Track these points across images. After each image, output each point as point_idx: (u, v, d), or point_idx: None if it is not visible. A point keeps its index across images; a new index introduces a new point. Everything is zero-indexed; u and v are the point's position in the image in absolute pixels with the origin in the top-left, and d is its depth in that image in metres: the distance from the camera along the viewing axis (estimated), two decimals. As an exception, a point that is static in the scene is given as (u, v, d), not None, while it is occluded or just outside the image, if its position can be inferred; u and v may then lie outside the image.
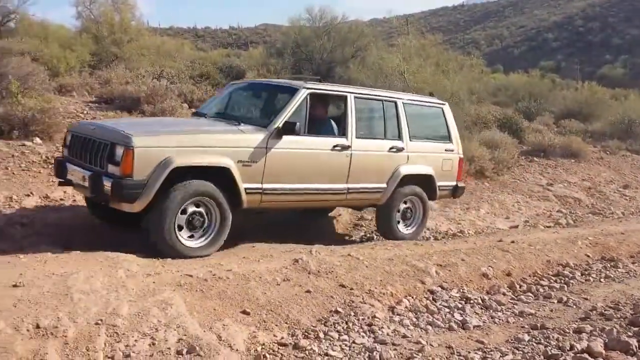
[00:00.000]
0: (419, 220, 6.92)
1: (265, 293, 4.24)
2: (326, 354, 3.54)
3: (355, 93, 6.25)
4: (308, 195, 5.78)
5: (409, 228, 6.86)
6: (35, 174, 6.74)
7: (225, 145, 5.14)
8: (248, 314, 3.90)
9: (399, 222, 6.72)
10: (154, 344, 3.11)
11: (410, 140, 6.59)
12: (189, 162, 4.85)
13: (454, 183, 7.13)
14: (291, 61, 16.61)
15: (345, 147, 5.95)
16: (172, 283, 4.02)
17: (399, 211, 6.66)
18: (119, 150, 4.64)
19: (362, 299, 4.48)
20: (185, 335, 3.25)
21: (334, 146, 5.88)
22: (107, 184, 4.60)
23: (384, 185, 6.38)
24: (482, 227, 8.55)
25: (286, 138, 5.43)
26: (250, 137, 5.30)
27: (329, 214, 7.74)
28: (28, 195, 6.20)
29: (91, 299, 3.46)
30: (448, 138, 7.08)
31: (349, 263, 5.06)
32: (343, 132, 6.04)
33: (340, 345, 3.71)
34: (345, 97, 6.12)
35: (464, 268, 5.57)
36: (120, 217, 5.16)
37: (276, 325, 3.90)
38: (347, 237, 7.30)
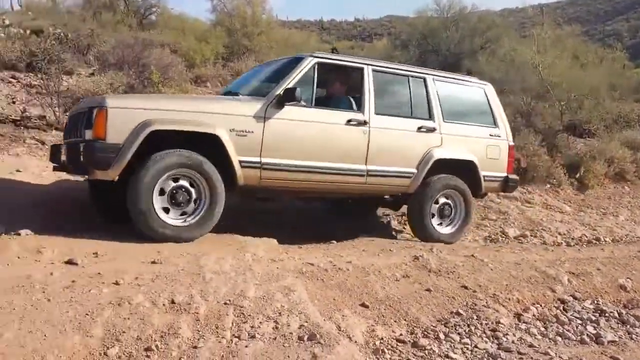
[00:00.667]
0: (460, 219, 6.05)
1: (384, 288, 4.20)
2: (447, 356, 3.43)
3: (374, 66, 5.66)
4: (318, 174, 5.12)
5: (447, 227, 6.01)
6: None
7: (215, 111, 4.68)
8: (367, 307, 3.89)
9: (433, 216, 5.89)
10: (277, 327, 3.19)
11: (444, 121, 5.87)
12: (170, 126, 4.41)
13: (503, 174, 6.21)
14: (416, 53, 16.35)
15: (361, 123, 5.34)
16: (294, 270, 4.11)
17: (436, 203, 5.88)
18: (94, 113, 4.32)
19: (486, 302, 4.29)
20: (306, 322, 3.30)
21: (349, 120, 5.29)
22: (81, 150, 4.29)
23: (413, 169, 5.64)
24: (621, 235, 7.87)
25: (289, 108, 4.92)
26: (247, 105, 4.86)
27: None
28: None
29: (221, 279, 3.63)
30: (493, 122, 6.25)
31: (472, 264, 4.87)
32: (359, 107, 5.43)
33: (461, 349, 3.58)
34: (362, 69, 5.54)
35: (600, 278, 5.14)
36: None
37: (395, 321, 3.85)
38: (467, 239, 7.03)
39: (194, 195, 4.54)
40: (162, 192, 4.41)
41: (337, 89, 5.77)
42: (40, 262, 3.61)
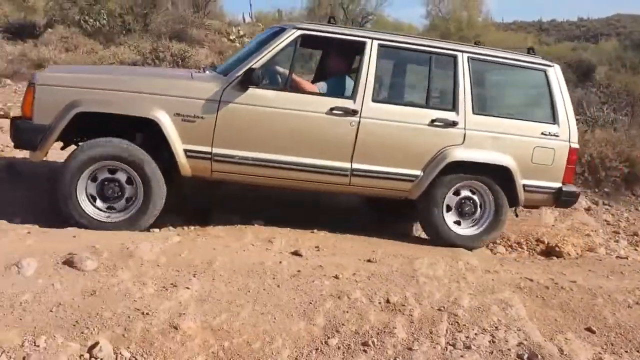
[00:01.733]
0: (488, 217, 4.82)
1: (615, 314, 3.76)
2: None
3: (382, 40, 4.57)
4: (285, 170, 4.38)
5: (469, 228, 4.83)
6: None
7: (156, 92, 4.10)
8: (593, 332, 3.52)
9: (449, 209, 4.78)
10: (493, 341, 3.06)
11: (474, 113, 4.68)
12: (96, 108, 3.96)
13: (555, 185, 4.83)
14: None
15: (349, 112, 4.41)
16: (511, 284, 3.91)
17: (456, 194, 4.77)
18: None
19: None
20: (525, 340, 3.11)
21: (331, 109, 4.38)
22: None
23: (417, 172, 4.58)
24: None
25: (254, 91, 4.23)
26: (199, 86, 4.23)
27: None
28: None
29: (434, 285, 3.61)
30: (551, 117, 4.86)
31: None
32: (351, 93, 4.49)
33: None
34: (363, 44, 4.52)
35: None
36: None
37: (626, 352, 3.42)
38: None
39: (126, 192, 4.13)
40: (95, 179, 4.09)
41: (334, 65, 4.92)
42: (270, 250, 3.97)
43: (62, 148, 4.54)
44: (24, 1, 19.01)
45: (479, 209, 4.79)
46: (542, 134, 4.78)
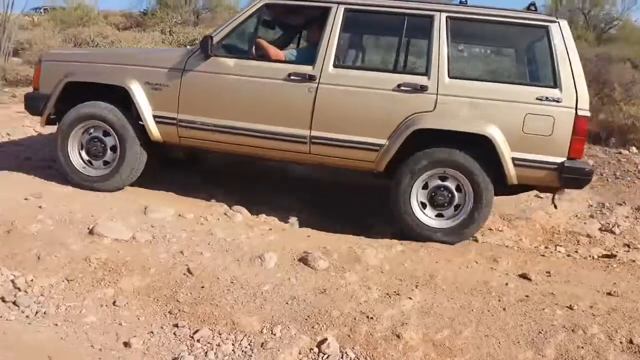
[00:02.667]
0: (466, 210, 4.19)
1: None
2: None
3: (349, 4, 4.33)
4: (247, 137, 4.36)
5: (443, 220, 4.25)
6: (629, 183, 6.60)
7: (129, 63, 4.51)
8: None
9: (424, 205, 4.25)
10: None
11: (450, 77, 4.17)
12: (80, 78, 4.53)
13: (557, 159, 4.06)
14: None
15: (307, 78, 4.24)
16: None
17: (425, 187, 4.23)
18: None
19: None
20: None
21: (289, 75, 4.25)
22: None
23: (382, 140, 4.19)
24: None
25: (215, 60, 4.35)
26: (165, 55, 4.64)
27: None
28: (620, 205, 6.11)
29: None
30: (552, 80, 4.11)
31: None
32: (312, 58, 4.30)
33: None
34: (328, 9, 4.33)
35: None
36: None
37: None
38: None
39: (107, 150, 4.58)
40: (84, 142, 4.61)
41: (309, 37, 4.77)
42: (495, 270, 3.79)
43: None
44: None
45: (455, 200, 4.25)
46: (538, 99, 4.08)
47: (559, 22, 4.21)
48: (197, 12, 21.17)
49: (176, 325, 2.87)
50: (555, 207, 4.82)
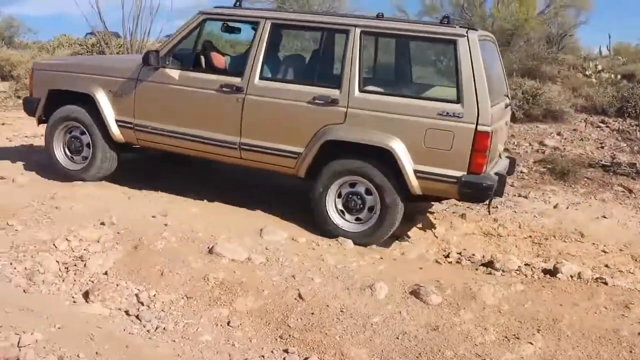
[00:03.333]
0: (375, 216, 4.37)
1: None
2: None
3: (275, 19, 4.69)
4: (189, 142, 4.86)
5: (355, 224, 4.46)
6: None
7: (96, 73, 5.12)
8: None
9: (343, 212, 4.49)
10: None
11: (360, 91, 4.32)
12: (58, 86, 5.22)
13: (457, 173, 4.08)
14: None
15: (235, 89, 4.63)
16: None
17: (340, 196, 4.48)
18: None
19: None
20: None
21: (221, 86, 4.67)
22: None
23: (300, 149, 4.48)
24: None
25: (162, 70, 4.86)
26: (125, 67, 5.11)
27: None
28: None
29: None
30: (455, 95, 4.11)
31: None
32: (240, 71, 4.67)
33: None
34: (257, 23, 4.68)
35: None
36: None
37: None
38: None
39: (84, 146, 5.26)
40: (68, 134, 5.33)
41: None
42: (627, 317, 3.43)
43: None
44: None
45: (365, 206, 4.45)
46: (439, 114, 4.15)
47: (467, 36, 4.13)
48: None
49: (286, 351, 2.89)
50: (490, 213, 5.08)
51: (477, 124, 4.06)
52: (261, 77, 4.62)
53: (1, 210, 4.43)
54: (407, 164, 4.22)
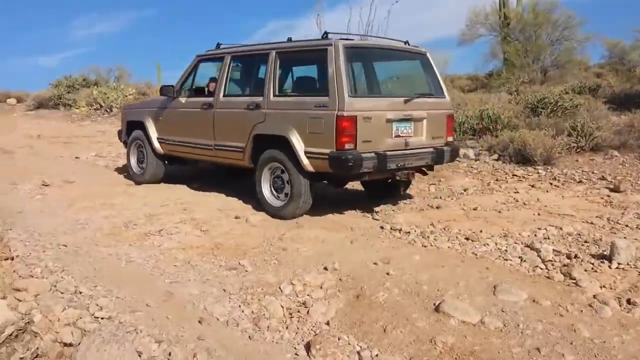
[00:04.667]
0: (289, 192, 5.61)
1: None
2: None
3: (233, 54, 6.41)
4: (189, 148, 6.74)
5: (278, 200, 5.78)
6: None
7: (145, 107, 7.65)
8: None
9: (274, 191, 5.83)
10: None
11: (274, 96, 5.76)
12: (129, 118, 7.83)
13: (328, 151, 5.18)
14: None
15: (209, 106, 6.38)
16: None
17: (277, 178, 5.77)
18: None
19: None
20: None
21: (202, 105, 6.45)
22: None
23: (243, 144, 5.97)
24: None
25: (177, 99, 6.80)
26: (159, 100, 7.16)
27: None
28: None
29: None
30: (326, 90, 5.27)
31: None
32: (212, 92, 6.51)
33: None
34: (223, 58, 6.44)
35: None
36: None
37: None
38: None
39: (144, 154, 7.42)
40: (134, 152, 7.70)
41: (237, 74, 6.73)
42: None
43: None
44: (630, 71, 18.92)
45: (285, 184, 5.66)
46: (315, 106, 5.29)
47: (334, 45, 5.25)
48: (545, 69, 20.27)
49: None
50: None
51: (337, 111, 5.11)
52: (224, 95, 6.29)
53: (236, 250, 4.66)
54: (299, 147, 5.39)
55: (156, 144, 7.09)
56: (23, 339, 2.53)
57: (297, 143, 5.36)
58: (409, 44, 6.11)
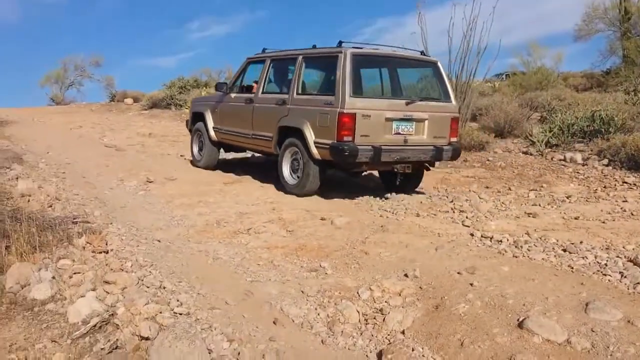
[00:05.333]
0: (301, 170, 6.73)
1: None
2: None
3: (272, 57, 7.68)
4: (234, 136, 8.09)
5: (295, 178, 6.92)
6: None
7: (205, 101, 9.22)
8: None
9: (291, 172, 6.97)
10: None
11: (297, 94, 6.84)
12: (193, 110, 9.38)
13: (330, 142, 6.23)
14: None
15: (250, 101, 7.68)
16: None
17: (295, 161, 6.90)
18: None
19: None
20: None
21: (246, 100, 7.76)
22: None
23: (272, 134, 7.13)
24: None
25: (229, 94, 8.18)
26: (216, 95, 8.61)
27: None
28: None
29: None
30: (332, 90, 6.32)
31: None
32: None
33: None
34: (264, 61, 7.80)
35: None
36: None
37: None
38: None
39: (202, 140, 8.95)
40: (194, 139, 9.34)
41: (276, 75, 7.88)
42: None
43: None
44: None
45: (301, 166, 6.74)
46: (324, 103, 6.35)
47: (344, 52, 6.26)
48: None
49: None
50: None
51: (339, 108, 6.11)
52: (262, 92, 7.50)
53: (318, 251, 4.67)
54: (310, 138, 6.46)
55: (212, 133, 8.47)
56: (106, 330, 2.70)
57: (309, 134, 6.47)
58: (424, 54, 7.17)
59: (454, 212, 6.15)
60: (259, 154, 8.55)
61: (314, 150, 6.40)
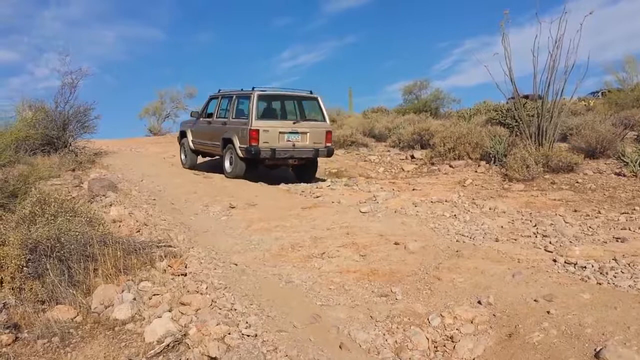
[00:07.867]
0: (234, 164, 10.75)
1: None
2: None
3: (259, 93, 10.62)
4: (205, 146, 12.10)
5: (230, 168, 10.87)
6: None
7: (188, 123, 13.27)
8: None
9: (229, 164, 10.95)
10: None
11: (232, 118, 10.94)
12: (181, 129, 14.09)
13: (246, 145, 10.27)
14: None
15: (210, 122, 11.90)
16: None
17: (231, 157, 10.87)
18: None
19: None
20: None
21: (208, 122, 11.94)
22: None
23: (219, 143, 11.13)
24: None
25: (200, 120, 12.39)
26: (193, 121, 12.92)
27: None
28: None
29: None
30: (248, 115, 10.46)
31: None
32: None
33: None
34: (217, 97, 12.13)
35: None
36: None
37: None
38: None
39: (184, 149, 13.48)
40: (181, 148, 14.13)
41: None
42: None
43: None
44: None
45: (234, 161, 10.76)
46: (243, 123, 10.41)
47: (253, 93, 10.45)
48: None
49: None
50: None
51: (250, 126, 10.16)
52: (215, 117, 11.57)
53: (390, 276, 4.65)
54: (237, 144, 10.43)
55: (191, 144, 12.55)
56: (178, 349, 2.84)
57: (236, 142, 10.46)
58: (311, 93, 11.05)
59: (536, 236, 5.89)
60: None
61: (239, 152, 10.40)
